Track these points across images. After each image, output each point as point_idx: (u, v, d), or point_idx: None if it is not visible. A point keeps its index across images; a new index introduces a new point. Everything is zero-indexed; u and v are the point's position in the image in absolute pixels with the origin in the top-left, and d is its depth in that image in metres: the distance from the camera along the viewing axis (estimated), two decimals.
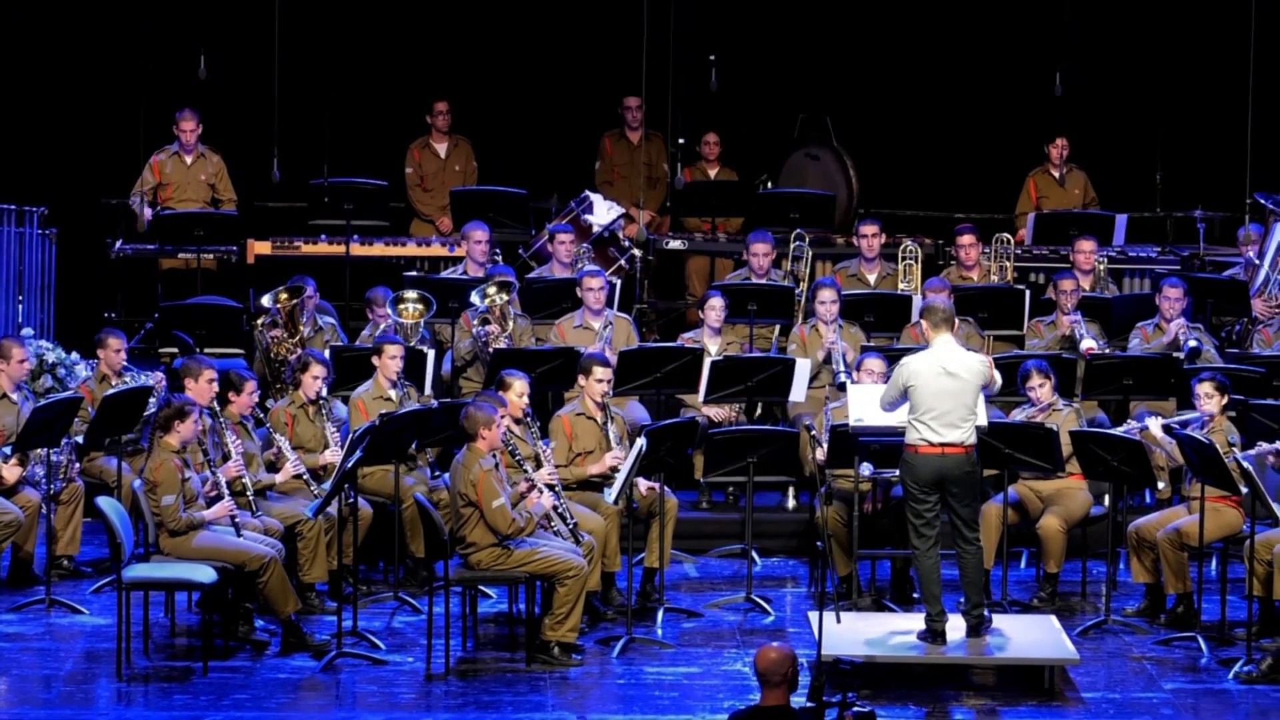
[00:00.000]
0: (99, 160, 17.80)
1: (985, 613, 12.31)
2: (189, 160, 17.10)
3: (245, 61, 17.42)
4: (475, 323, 15.11)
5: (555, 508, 12.65)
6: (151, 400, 13.59)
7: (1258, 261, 16.06)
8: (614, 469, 13.24)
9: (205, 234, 16.55)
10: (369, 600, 13.40)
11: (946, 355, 12.15)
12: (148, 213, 16.77)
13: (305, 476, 13.31)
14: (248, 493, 12.85)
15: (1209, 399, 13.25)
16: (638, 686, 12.14)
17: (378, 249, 17.03)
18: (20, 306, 16.71)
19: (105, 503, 12.40)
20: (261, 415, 13.49)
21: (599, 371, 13.59)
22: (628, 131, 18.15)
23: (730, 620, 13.38)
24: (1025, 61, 18.29)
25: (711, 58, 17.60)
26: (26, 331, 15.81)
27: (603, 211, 16.99)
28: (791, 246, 16.59)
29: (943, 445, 12.07)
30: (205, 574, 12.23)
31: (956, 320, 12.31)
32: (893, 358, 13.22)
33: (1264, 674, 12.30)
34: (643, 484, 13.36)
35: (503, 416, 12.58)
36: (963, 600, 12.33)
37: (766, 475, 13.78)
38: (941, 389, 12.07)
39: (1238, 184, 17.21)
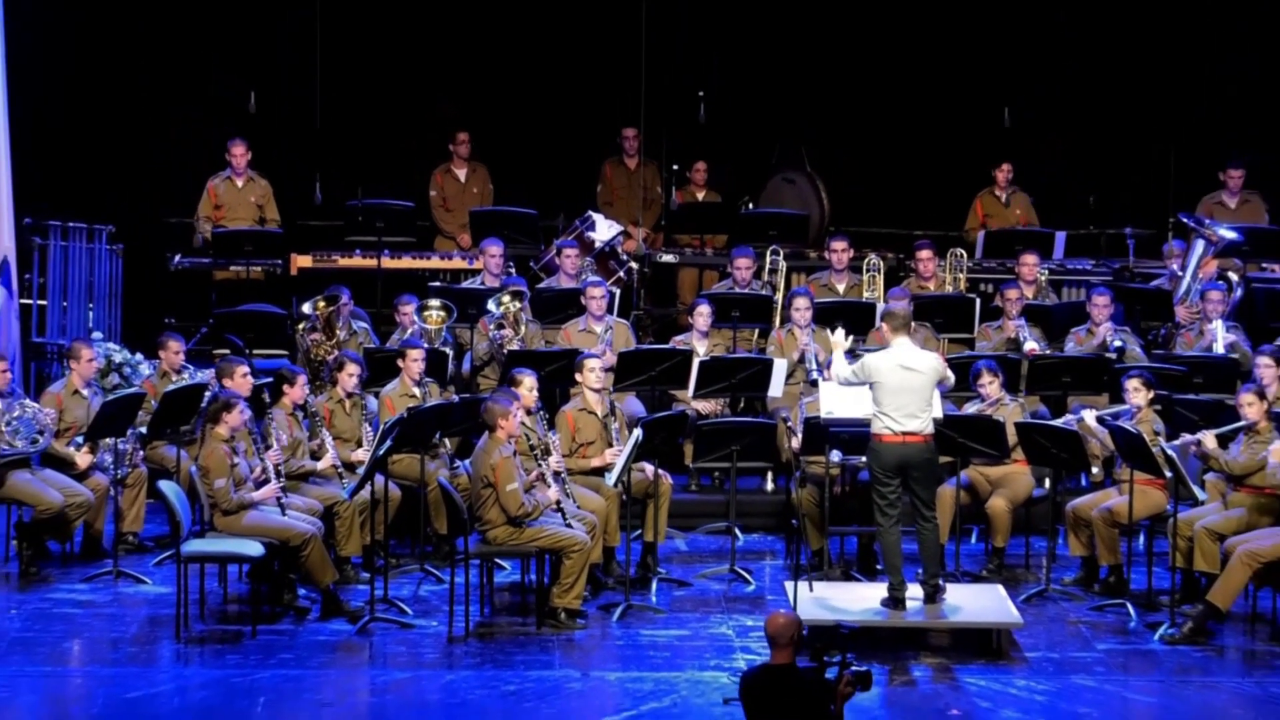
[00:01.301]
0: (160, 184, 17.73)
1: (940, 582, 12.32)
2: (240, 184, 17.05)
3: (290, 97, 17.47)
4: (492, 327, 15.07)
5: (558, 501, 12.64)
6: (206, 395, 13.63)
7: (1180, 273, 15.95)
8: (611, 464, 13.27)
9: (254, 249, 16.49)
10: (398, 572, 13.42)
11: (905, 354, 12.17)
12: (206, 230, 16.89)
13: (340, 469, 13.38)
14: (283, 477, 12.88)
15: (1137, 393, 13.21)
16: (635, 647, 12.19)
17: (405, 262, 16.96)
18: (90, 313, 16.68)
19: (166, 486, 12.41)
20: (314, 409, 13.55)
21: (589, 363, 13.61)
22: (626, 159, 18.07)
23: (716, 589, 13.38)
24: (977, 97, 18.31)
25: (700, 93, 17.65)
26: (96, 335, 15.74)
27: (604, 229, 16.95)
28: (769, 260, 16.62)
29: (904, 434, 12.06)
30: (254, 549, 12.28)
31: (914, 324, 12.31)
32: (858, 358, 13.26)
33: (1185, 636, 12.38)
34: (649, 470, 13.42)
35: (518, 409, 12.63)
36: (921, 571, 12.36)
37: (748, 461, 13.71)
38: (902, 384, 12.08)
39: (1162, 205, 17.28)
